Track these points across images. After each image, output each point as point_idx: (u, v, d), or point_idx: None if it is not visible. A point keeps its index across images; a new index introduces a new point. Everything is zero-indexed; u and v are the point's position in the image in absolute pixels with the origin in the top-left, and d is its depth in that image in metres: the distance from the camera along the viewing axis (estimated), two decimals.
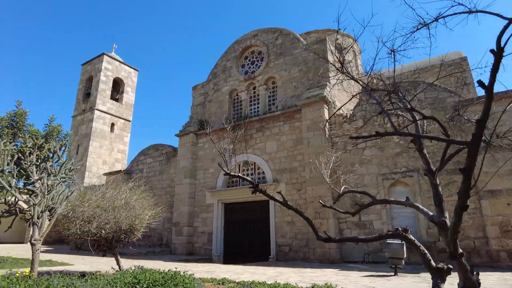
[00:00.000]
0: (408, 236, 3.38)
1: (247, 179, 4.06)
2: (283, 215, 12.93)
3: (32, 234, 5.14)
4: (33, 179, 5.49)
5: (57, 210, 5.42)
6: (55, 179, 5.70)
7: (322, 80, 13.63)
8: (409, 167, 10.84)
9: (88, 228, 5.84)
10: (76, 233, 6.05)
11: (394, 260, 7.41)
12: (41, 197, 5.21)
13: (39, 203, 5.14)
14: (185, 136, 16.81)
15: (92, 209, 5.93)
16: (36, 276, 4.91)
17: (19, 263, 9.08)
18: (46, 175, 5.60)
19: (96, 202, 6.09)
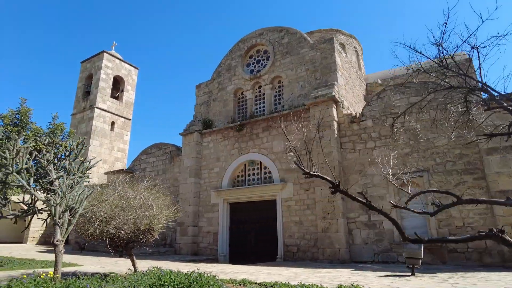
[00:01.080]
0: (505, 237, 3.27)
1: (327, 179, 3.99)
2: (291, 215, 12.87)
3: (54, 234, 4.98)
4: (51, 177, 5.34)
5: (78, 210, 5.27)
6: (73, 178, 5.54)
7: (329, 79, 13.60)
8: (419, 167, 10.85)
9: (107, 228, 5.70)
10: (93, 234, 5.91)
11: (412, 260, 7.38)
12: (62, 196, 5.06)
13: (60, 203, 4.99)
14: (190, 135, 16.66)
15: (111, 209, 5.79)
16: (60, 277, 4.77)
17: (27, 264, 8.89)
18: (65, 174, 5.45)
19: (115, 202, 5.96)
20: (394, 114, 11.72)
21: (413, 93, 11.57)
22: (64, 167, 5.71)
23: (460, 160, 10.27)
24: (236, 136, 15.49)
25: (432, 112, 11.04)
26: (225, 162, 15.51)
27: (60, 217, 4.99)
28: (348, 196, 4.07)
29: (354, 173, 11.93)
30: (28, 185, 5.10)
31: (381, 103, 12.07)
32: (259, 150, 14.57)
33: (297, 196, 12.91)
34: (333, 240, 11.23)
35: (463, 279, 6.61)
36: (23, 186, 5.04)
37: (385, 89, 12.25)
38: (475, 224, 9.62)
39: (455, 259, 9.68)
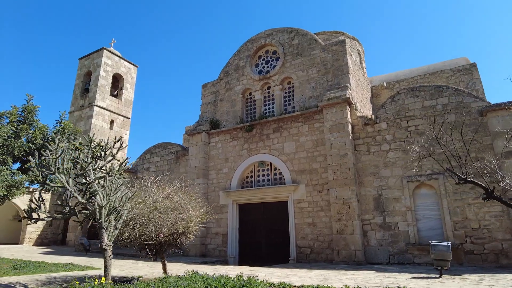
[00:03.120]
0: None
1: (481, 185, 3.93)
2: (303, 217, 12.86)
3: (101, 239, 4.79)
4: (91, 179, 5.14)
5: (123, 213, 5.09)
6: (112, 179, 5.35)
7: (341, 81, 13.67)
8: (434, 169, 10.99)
9: (146, 231, 5.53)
10: (129, 237, 5.72)
11: (440, 262, 7.45)
12: (106, 199, 4.87)
13: (105, 205, 4.80)
14: (197, 135, 16.47)
15: (150, 211, 5.62)
16: (111, 282, 4.59)
17: (43, 267, 8.56)
18: (108, 175, 5.25)
19: (153, 204, 5.79)
20: (408, 117, 11.86)
21: (427, 97, 11.73)
22: (102, 167, 5.50)
23: (475, 164, 10.43)
24: (245, 137, 15.39)
25: (447, 116, 11.23)
26: (234, 163, 15.39)
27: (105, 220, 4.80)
28: (502, 203, 4.03)
29: (369, 175, 12.00)
30: (69, 187, 4.89)
31: (395, 106, 12.19)
32: (269, 151, 14.51)
33: (310, 198, 12.91)
34: (348, 242, 11.27)
35: (493, 281, 6.71)
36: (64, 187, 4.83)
37: (399, 92, 12.37)
38: (491, 226, 9.81)
39: (471, 261, 9.85)
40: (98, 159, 5.70)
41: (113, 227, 4.95)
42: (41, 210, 5.20)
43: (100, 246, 4.83)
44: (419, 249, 10.57)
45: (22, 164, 12.84)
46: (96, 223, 5.64)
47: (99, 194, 5.00)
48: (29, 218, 5.10)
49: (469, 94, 11.10)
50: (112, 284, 4.46)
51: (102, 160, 5.72)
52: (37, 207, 5.22)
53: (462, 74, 16.57)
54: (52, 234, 21.24)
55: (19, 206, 19.41)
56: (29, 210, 5.08)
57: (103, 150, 5.75)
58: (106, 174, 5.22)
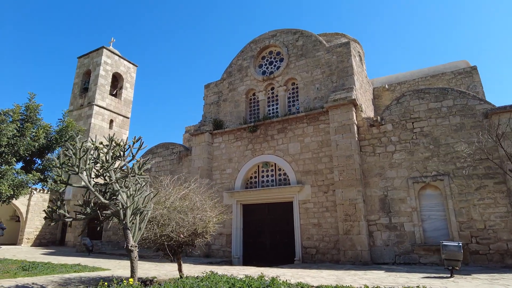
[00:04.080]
0: None
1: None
2: (309, 217, 12.92)
3: (126, 240, 4.75)
4: (112, 179, 5.10)
5: (147, 213, 5.05)
6: (133, 179, 5.32)
7: (346, 83, 13.77)
8: (439, 171, 11.14)
9: (167, 232, 5.51)
10: (148, 238, 5.69)
11: (451, 262, 7.56)
12: (130, 199, 4.84)
13: (130, 205, 4.77)
14: (200, 135, 16.43)
15: (171, 211, 5.60)
16: (140, 283, 4.56)
17: (50, 268, 8.45)
18: (131, 175, 5.22)
19: (173, 204, 5.77)
20: (413, 119, 12.00)
21: (432, 99, 11.88)
22: (122, 167, 5.47)
23: (480, 165, 10.62)
24: (249, 137, 15.41)
25: (452, 118, 11.40)
26: (237, 163, 15.39)
27: (130, 221, 4.77)
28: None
29: (374, 176, 12.11)
30: (92, 187, 4.85)
31: (401, 107, 12.32)
32: (274, 152, 14.54)
33: (315, 199, 12.97)
34: (355, 242, 11.36)
35: (504, 280, 6.83)
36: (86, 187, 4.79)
37: (404, 94, 12.51)
38: (497, 227, 9.97)
39: (477, 261, 10.00)
40: (117, 159, 5.66)
41: (137, 227, 4.91)
42: (62, 211, 5.15)
43: (125, 247, 4.79)
44: (425, 249, 10.70)
45: (26, 164, 12.68)
46: (97, 224, 5.61)
47: (122, 195, 4.97)
48: (51, 218, 5.04)
49: (474, 97, 11.28)
50: (140, 285, 4.42)
51: (122, 160, 5.68)
52: (57, 208, 5.17)
53: (463, 77, 16.82)
54: (51, 234, 20.98)
55: (18, 206, 19.14)
56: (50, 210, 5.03)
57: (123, 150, 5.72)
58: (128, 174, 5.19)
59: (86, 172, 4.97)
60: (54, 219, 5.05)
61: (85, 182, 4.90)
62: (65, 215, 5.15)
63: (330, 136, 13.08)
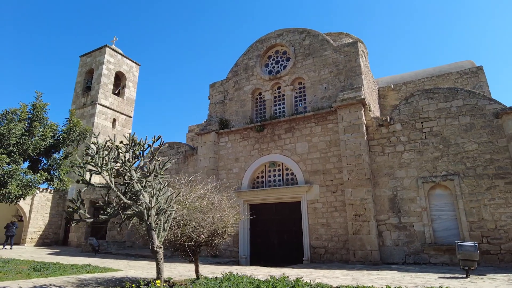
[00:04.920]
0: None
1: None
2: (317, 217, 12.89)
3: (151, 240, 4.69)
4: (134, 179, 5.03)
5: (171, 213, 4.99)
6: (155, 180, 5.25)
7: (354, 83, 13.74)
8: (449, 170, 11.13)
9: (188, 232, 5.45)
10: (169, 238, 5.63)
11: (467, 262, 7.54)
12: (154, 200, 4.78)
13: (154, 206, 4.70)
14: (206, 135, 16.37)
15: (192, 212, 5.55)
16: (166, 285, 4.50)
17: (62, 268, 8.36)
18: (154, 175, 5.15)
19: (193, 204, 5.71)
20: (423, 118, 11.99)
21: (441, 99, 11.87)
22: (143, 167, 5.40)
23: (491, 165, 10.62)
24: (256, 137, 15.36)
25: (462, 118, 11.40)
26: (244, 163, 15.34)
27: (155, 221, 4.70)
28: None
29: (384, 176, 12.10)
30: (114, 187, 4.79)
31: (410, 107, 12.30)
32: (281, 151, 14.50)
33: (323, 198, 12.94)
34: (364, 242, 11.34)
35: None
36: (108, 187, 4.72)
37: (413, 94, 12.50)
38: (508, 227, 9.97)
39: (488, 261, 10.00)
40: (137, 158, 5.60)
41: (161, 228, 4.86)
42: (82, 211, 5.08)
43: (150, 249, 4.74)
44: (435, 249, 10.70)
45: (31, 163, 12.56)
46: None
47: (144, 195, 4.90)
48: (71, 219, 4.97)
49: (484, 97, 11.27)
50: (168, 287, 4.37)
51: (141, 159, 5.62)
52: (77, 208, 5.10)
53: (469, 77, 16.82)
54: (54, 234, 20.85)
55: (21, 205, 19.01)
56: (71, 211, 4.96)
57: (142, 150, 5.65)
58: (150, 174, 5.13)
59: (108, 172, 4.91)
60: (75, 220, 4.99)
61: (107, 182, 4.83)
62: (86, 216, 5.08)
63: (338, 136, 13.05)
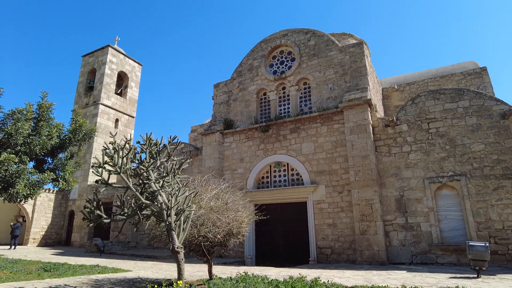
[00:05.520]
0: None
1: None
2: (323, 218, 12.91)
3: (172, 241, 4.67)
4: (152, 179, 5.02)
5: (190, 213, 4.98)
6: (174, 179, 5.24)
7: (360, 83, 13.77)
8: (456, 171, 11.17)
9: (205, 232, 5.44)
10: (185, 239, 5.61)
11: (478, 262, 7.57)
12: (174, 199, 4.77)
13: (174, 206, 4.69)
14: (211, 135, 16.36)
15: (208, 212, 5.54)
16: (188, 286, 4.50)
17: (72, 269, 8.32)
18: (172, 175, 5.14)
19: (209, 204, 5.70)
20: (429, 119, 12.02)
21: (448, 100, 11.91)
22: (159, 167, 5.39)
23: (498, 165, 10.66)
24: (261, 137, 15.36)
25: (468, 119, 11.44)
26: (249, 163, 15.35)
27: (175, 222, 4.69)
28: None
29: (390, 176, 12.12)
30: (132, 187, 4.78)
31: (416, 108, 12.34)
32: (287, 152, 14.51)
33: (330, 199, 12.96)
34: (371, 242, 11.36)
35: None
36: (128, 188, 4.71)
37: (419, 94, 12.53)
38: None
39: (495, 261, 10.02)
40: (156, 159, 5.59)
41: (181, 228, 4.84)
42: (99, 211, 5.07)
43: (171, 249, 4.72)
44: (443, 250, 10.73)
45: (37, 163, 12.53)
46: (106, 226, 5.54)
47: (162, 195, 4.89)
48: (89, 220, 4.96)
49: (490, 97, 11.32)
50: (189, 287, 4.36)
51: (157, 159, 5.61)
52: (94, 208, 5.09)
53: (473, 78, 16.89)
54: (56, 234, 20.78)
55: (24, 206, 18.93)
56: (89, 211, 4.94)
57: (158, 150, 5.65)
58: (168, 174, 5.12)
59: (127, 172, 4.89)
60: (93, 220, 4.97)
61: (126, 182, 4.82)
62: (102, 216, 5.06)
63: (344, 136, 13.08)
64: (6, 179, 9.43)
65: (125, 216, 4.87)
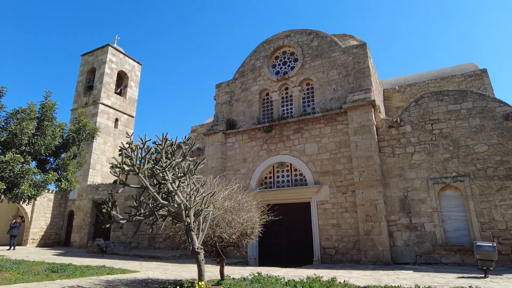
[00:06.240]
0: None
1: None
2: (327, 218, 12.95)
3: (192, 242, 4.65)
4: (169, 179, 5.00)
5: (208, 214, 4.97)
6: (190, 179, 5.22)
7: (363, 84, 13.84)
8: (459, 172, 11.27)
9: (220, 233, 5.44)
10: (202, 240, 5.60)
11: (486, 262, 7.66)
12: (193, 200, 4.75)
13: (193, 206, 4.68)
14: (214, 135, 16.34)
15: (224, 212, 5.54)
16: (209, 286, 4.49)
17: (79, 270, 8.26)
18: (188, 175, 5.13)
19: (223, 204, 5.70)
20: (432, 120, 12.12)
21: (451, 101, 12.02)
22: (175, 167, 5.37)
23: (501, 166, 10.78)
24: (264, 137, 15.38)
25: (472, 120, 11.56)
26: (252, 164, 15.35)
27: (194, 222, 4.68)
28: None
29: (394, 177, 12.21)
30: (150, 188, 4.76)
31: (419, 109, 12.44)
32: (290, 152, 14.54)
33: (334, 199, 13.01)
34: (376, 243, 11.43)
35: None
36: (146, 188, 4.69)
37: (423, 96, 12.63)
38: None
39: (499, 261, 10.06)
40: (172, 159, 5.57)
41: (200, 228, 4.83)
42: (115, 212, 5.04)
43: (191, 250, 4.70)
44: (447, 250, 10.83)
45: (39, 163, 12.41)
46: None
47: (179, 195, 4.88)
48: (107, 220, 4.93)
49: (493, 99, 11.45)
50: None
51: (173, 159, 5.59)
52: (110, 209, 5.06)
53: (473, 79, 17.07)
54: (56, 235, 20.59)
55: (23, 206, 18.74)
56: (106, 212, 4.91)
57: (173, 150, 5.63)
58: (183, 174, 5.10)
59: (144, 172, 4.87)
60: (110, 221, 4.94)
61: (144, 182, 4.79)
62: (119, 217, 5.04)
63: (348, 137, 13.15)
64: (10, 179, 9.33)
65: (142, 217, 4.85)
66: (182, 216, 4.76)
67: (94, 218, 20.59)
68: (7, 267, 8.36)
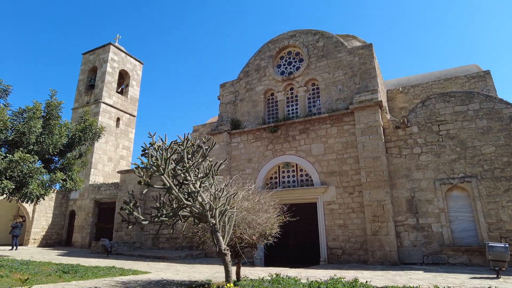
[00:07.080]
0: None
1: None
2: (334, 218, 12.98)
3: (218, 243, 4.62)
4: (191, 180, 4.97)
5: (232, 214, 4.95)
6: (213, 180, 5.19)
7: (369, 85, 13.89)
8: (466, 173, 11.35)
9: (240, 233, 5.42)
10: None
11: (498, 263, 7.71)
12: (218, 201, 4.73)
13: (218, 207, 4.65)
14: (219, 135, 16.29)
15: (247, 213, 5.52)
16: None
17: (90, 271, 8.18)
18: (211, 175, 5.10)
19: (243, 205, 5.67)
20: (439, 121, 12.19)
21: (458, 102, 12.10)
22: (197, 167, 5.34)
23: (508, 167, 10.87)
24: (269, 138, 15.37)
25: (479, 121, 11.64)
26: (257, 164, 15.34)
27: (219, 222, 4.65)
28: None
29: (401, 178, 12.26)
30: (175, 189, 4.72)
31: (426, 110, 12.50)
32: (296, 153, 14.55)
33: (340, 200, 13.04)
34: (383, 243, 11.47)
35: None
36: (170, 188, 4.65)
37: (429, 97, 12.70)
38: None
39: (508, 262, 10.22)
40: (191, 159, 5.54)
41: (226, 230, 4.81)
42: (136, 213, 5.00)
43: (218, 251, 4.67)
44: (454, 250, 10.90)
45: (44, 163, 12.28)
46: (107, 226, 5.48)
47: (203, 195, 4.85)
48: (128, 221, 4.88)
49: (500, 101, 11.54)
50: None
51: (193, 159, 5.55)
52: (132, 210, 5.02)
53: (476, 81, 17.17)
54: (57, 235, 20.42)
55: (24, 205, 18.55)
56: (128, 213, 4.87)
57: (193, 150, 5.60)
58: (205, 175, 5.08)
59: (168, 173, 4.84)
60: (131, 222, 4.90)
61: (169, 183, 4.76)
62: (141, 218, 5.00)
63: (355, 137, 13.18)
64: (19, 179, 9.23)
65: (165, 218, 4.81)
66: (207, 216, 4.73)
67: (96, 218, 20.45)
68: (16, 268, 8.27)
